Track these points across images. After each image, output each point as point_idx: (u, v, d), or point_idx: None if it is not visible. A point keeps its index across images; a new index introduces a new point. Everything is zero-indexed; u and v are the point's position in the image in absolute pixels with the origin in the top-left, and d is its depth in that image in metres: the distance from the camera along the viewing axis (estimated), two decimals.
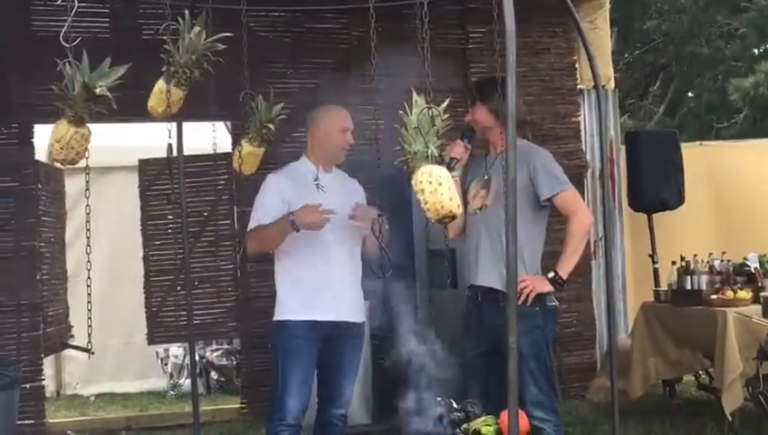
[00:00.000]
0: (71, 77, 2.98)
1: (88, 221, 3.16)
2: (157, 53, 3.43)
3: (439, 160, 2.81)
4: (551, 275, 4.10)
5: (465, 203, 4.21)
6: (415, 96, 2.86)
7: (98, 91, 3.00)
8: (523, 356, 4.26)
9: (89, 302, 3.25)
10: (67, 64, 2.97)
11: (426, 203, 2.73)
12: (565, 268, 4.10)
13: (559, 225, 4.40)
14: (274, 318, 4.38)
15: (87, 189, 3.16)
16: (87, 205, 3.15)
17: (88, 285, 3.23)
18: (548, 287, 4.08)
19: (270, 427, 4.27)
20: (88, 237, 3.16)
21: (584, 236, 4.21)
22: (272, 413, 4.27)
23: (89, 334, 3.26)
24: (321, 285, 4.21)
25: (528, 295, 4.00)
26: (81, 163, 3.12)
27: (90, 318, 3.25)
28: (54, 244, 7.04)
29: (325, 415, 4.44)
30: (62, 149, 3.01)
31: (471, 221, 4.28)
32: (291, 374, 4.22)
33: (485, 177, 4.26)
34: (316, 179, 4.31)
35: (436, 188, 2.71)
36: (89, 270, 3.20)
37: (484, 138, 4.32)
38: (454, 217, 2.75)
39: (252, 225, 4.30)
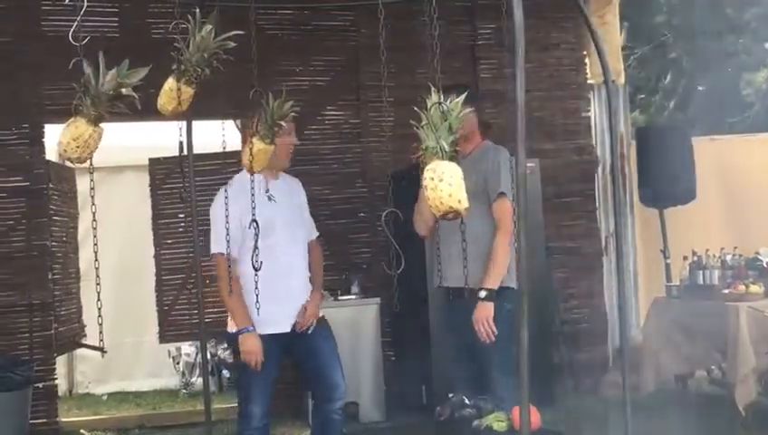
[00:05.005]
0: (95, 76, 2.99)
1: (94, 220, 3.15)
2: (166, 51, 3.44)
3: (450, 156, 2.81)
4: (483, 294, 4.15)
5: None
6: (433, 91, 2.86)
7: (124, 90, 3.03)
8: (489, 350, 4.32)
9: (98, 300, 3.24)
10: (87, 63, 2.99)
11: (429, 199, 2.75)
12: (493, 282, 4.19)
13: (569, 220, 4.38)
14: (229, 329, 4.39)
15: (92, 188, 3.15)
16: (93, 204, 3.14)
17: (97, 283, 3.22)
18: (491, 308, 4.14)
19: (239, 431, 4.43)
20: (95, 236, 3.15)
21: (507, 252, 4.20)
22: (239, 420, 4.43)
23: (100, 333, 3.25)
24: (280, 299, 4.13)
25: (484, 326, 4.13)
26: (87, 163, 3.13)
27: (100, 316, 3.24)
28: (66, 243, 7.07)
29: (323, 411, 4.49)
30: (78, 147, 3.02)
31: (442, 222, 4.31)
32: (253, 384, 4.36)
33: None
34: (267, 191, 4.24)
35: (437, 184, 2.72)
36: (97, 268, 3.20)
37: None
38: (457, 213, 2.76)
39: (216, 248, 4.18)
